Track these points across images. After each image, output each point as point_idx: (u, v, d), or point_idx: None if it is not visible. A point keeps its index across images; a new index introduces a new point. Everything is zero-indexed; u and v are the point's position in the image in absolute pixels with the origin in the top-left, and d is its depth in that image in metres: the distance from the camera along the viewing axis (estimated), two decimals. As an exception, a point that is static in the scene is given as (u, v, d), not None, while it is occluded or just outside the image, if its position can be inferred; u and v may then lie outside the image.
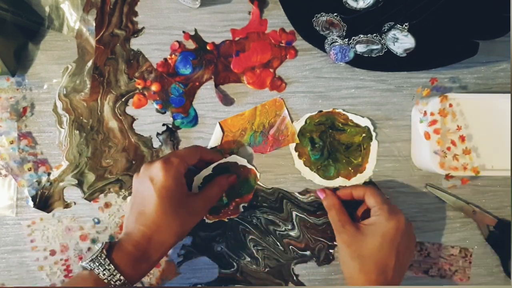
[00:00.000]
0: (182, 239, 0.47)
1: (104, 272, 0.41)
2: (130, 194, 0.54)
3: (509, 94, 0.50)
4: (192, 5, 0.53)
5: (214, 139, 0.54)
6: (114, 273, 0.41)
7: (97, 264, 0.41)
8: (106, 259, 0.41)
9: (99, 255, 0.42)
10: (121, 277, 0.41)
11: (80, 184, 0.54)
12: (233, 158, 0.54)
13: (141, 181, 0.45)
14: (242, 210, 0.54)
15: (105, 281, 0.41)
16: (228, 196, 0.54)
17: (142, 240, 0.43)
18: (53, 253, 0.54)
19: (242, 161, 0.54)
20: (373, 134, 0.54)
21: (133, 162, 0.54)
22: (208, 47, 0.54)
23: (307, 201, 0.54)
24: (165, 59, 0.54)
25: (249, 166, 0.54)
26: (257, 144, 0.54)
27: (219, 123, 0.54)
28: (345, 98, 0.54)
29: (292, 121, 0.54)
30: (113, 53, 0.54)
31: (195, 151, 0.49)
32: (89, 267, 0.41)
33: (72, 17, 0.53)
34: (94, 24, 0.53)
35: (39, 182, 0.54)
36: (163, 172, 0.43)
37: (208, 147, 0.54)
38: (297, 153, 0.54)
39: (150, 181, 0.44)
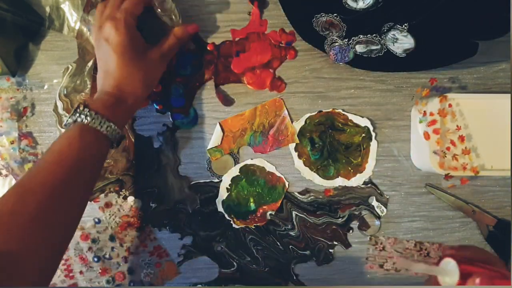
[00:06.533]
0: (152, 88, 0.50)
1: (87, 118, 0.43)
2: (130, 194, 0.55)
3: (509, 94, 0.50)
4: (172, 25, 0.51)
5: (214, 139, 0.54)
6: (96, 117, 0.43)
7: (78, 114, 0.43)
8: (86, 108, 0.43)
9: (78, 107, 0.43)
10: (104, 119, 0.43)
11: (80, 184, 0.54)
12: (260, 162, 0.54)
13: (98, 45, 0.47)
14: (269, 217, 0.54)
15: (90, 125, 0.43)
16: (255, 202, 0.54)
17: (113, 90, 0.46)
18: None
19: (270, 168, 0.54)
20: (373, 134, 0.54)
21: (133, 162, 0.54)
22: (208, 48, 0.54)
23: (307, 201, 0.55)
24: (165, 60, 0.54)
25: (278, 174, 0.54)
26: (257, 144, 0.55)
27: (219, 123, 0.54)
28: (345, 98, 0.55)
29: (292, 121, 0.54)
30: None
31: (137, 1, 0.48)
32: (72, 120, 0.43)
33: (72, 17, 0.53)
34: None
35: (39, 182, 0.54)
36: (114, 30, 0.45)
37: (208, 148, 0.54)
38: (297, 153, 0.54)
39: (106, 42, 0.46)
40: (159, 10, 0.48)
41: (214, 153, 0.54)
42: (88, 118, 0.42)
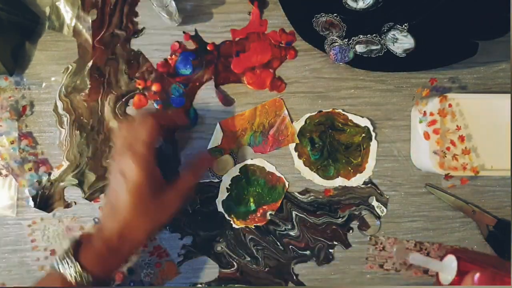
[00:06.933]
0: (155, 235, 0.46)
1: (71, 273, 0.40)
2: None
3: (509, 94, 0.50)
4: (171, 23, 0.53)
5: (214, 139, 0.54)
6: (83, 276, 0.40)
7: (66, 265, 0.41)
8: (73, 263, 0.41)
9: (67, 254, 0.41)
10: (89, 276, 0.41)
11: (80, 184, 0.54)
12: (260, 162, 0.54)
13: (113, 174, 0.44)
14: (269, 217, 0.54)
15: (73, 280, 0.40)
16: (255, 202, 0.54)
17: (113, 237, 0.42)
18: (53, 253, 0.55)
19: (270, 168, 0.54)
20: (373, 134, 0.54)
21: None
22: (208, 48, 0.54)
23: (307, 201, 0.55)
24: (166, 60, 0.54)
25: (278, 174, 0.54)
26: (257, 144, 0.55)
27: (219, 123, 0.54)
28: (345, 98, 0.55)
29: (292, 121, 0.54)
30: (114, 54, 0.54)
31: (153, 128, 0.44)
32: (60, 269, 0.41)
33: (67, 14, 0.53)
34: (90, 21, 0.53)
35: (39, 182, 0.54)
36: (134, 167, 0.42)
37: (208, 148, 0.54)
38: (297, 153, 0.54)
39: (122, 176, 0.42)
40: (155, 5, 0.48)
41: (214, 153, 0.54)
42: (73, 274, 0.40)
